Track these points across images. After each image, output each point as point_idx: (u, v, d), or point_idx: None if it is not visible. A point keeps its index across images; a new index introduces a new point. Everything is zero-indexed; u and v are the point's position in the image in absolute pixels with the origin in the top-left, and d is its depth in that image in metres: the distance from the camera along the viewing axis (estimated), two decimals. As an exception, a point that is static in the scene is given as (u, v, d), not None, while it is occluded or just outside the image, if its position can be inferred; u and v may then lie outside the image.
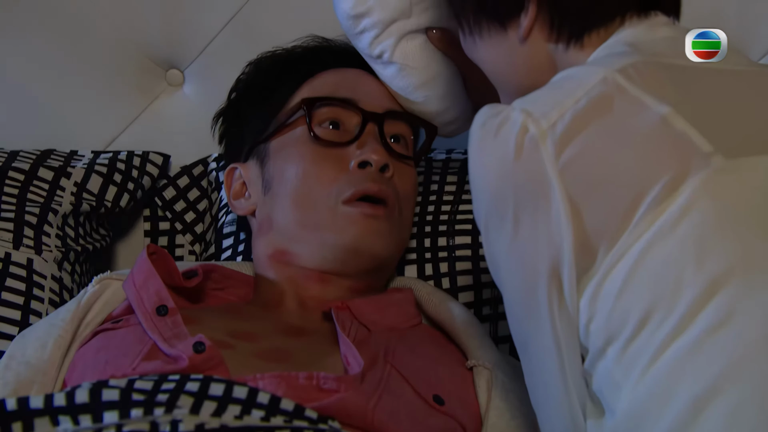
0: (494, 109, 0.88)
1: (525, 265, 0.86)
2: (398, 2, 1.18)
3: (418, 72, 1.20)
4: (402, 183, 1.17)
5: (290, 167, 1.16)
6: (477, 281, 1.25)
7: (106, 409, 0.80)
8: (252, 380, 0.91)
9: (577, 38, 0.96)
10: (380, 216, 1.13)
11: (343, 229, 1.12)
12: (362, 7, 1.18)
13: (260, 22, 1.49)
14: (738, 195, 0.81)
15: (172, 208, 1.44)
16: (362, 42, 1.20)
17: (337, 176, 1.14)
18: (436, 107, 1.23)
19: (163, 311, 1.04)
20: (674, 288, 0.79)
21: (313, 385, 0.93)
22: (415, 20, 1.19)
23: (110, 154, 1.44)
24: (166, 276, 1.09)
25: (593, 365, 0.84)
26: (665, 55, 0.90)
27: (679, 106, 0.83)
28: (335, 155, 1.15)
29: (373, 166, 1.14)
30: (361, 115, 1.18)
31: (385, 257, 1.15)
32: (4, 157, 1.38)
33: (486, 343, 1.12)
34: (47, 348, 1.05)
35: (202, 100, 1.52)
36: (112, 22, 1.51)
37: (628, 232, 0.81)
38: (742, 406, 0.76)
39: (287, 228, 1.16)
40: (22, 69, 1.52)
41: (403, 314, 1.15)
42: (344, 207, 1.12)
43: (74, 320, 1.09)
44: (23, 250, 1.27)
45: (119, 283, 1.14)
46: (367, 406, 0.94)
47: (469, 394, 1.05)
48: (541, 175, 0.83)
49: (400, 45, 1.19)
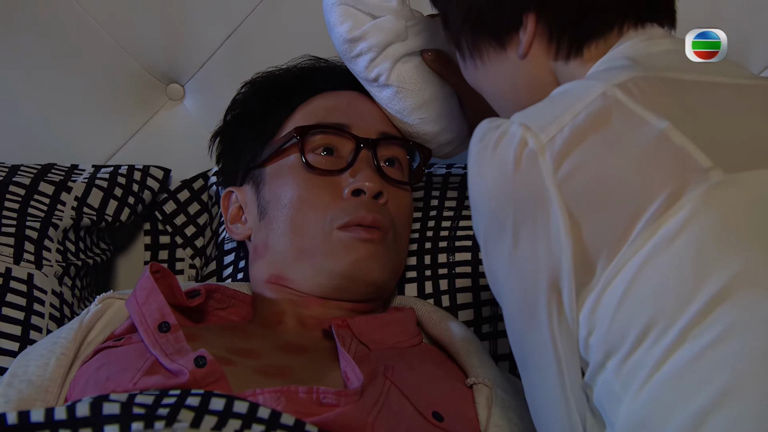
0: (493, 122, 0.88)
1: (524, 279, 0.86)
2: (394, 25, 1.19)
3: (414, 94, 1.22)
4: (397, 208, 1.19)
5: (285, 194, 1.18)
6: (477, 298, 1.25)
7: (107, 423, 0.80)
8: (252, 395, 0.92)
9: (577, 51, 0.96)
10: (375, 240, 1.14)
11: (338, 256, 1.13)
12: (358, 32, 1.19)
13: (260, 37, 1.50)
14: (737, 208, 0.81)
15: (173, 222, 1.45)
16: (358, 65, 1.21)
17: (331, 203, 1.15)
18: (432, 128, 1.24)
19: (165, 328, 1.04)
20: (673, 301, 0.79)
21: (313, 399, 0.94)
22: (411, 42, 1.21)
23: (111, 168, 1.44)
24: (168, 294, 1.10)
25: (593, 378, 0.85)
26: (665, 68, 0.91)
27: (678, 120, 0.83)
28: (329, 182, 1.17)
29: (367, 194, 1.15)
30: (354, 141, 1.19)
31: (381, 283, 1.17)
32: (5, 172, 1.39)
33: (485, 360, 1.13)
34: (49, 366, 1.06)
35: (202, 114, 1.53)
36: (113, 37, 1.51)
37: (627, 246, 0.81)
38: (743, 421, 0.75)
39: (283, 254, 1.17)
40: (23, 83, 1.53)
41: (403, 333, 1.15)
42: (339, 232, 1.14)
43: (77, 339, 1.10)
44: (23, 265, 1.27)
45: (122, 302, 1.15)
46: (367, 420, 0.94)
47: (469, 411, 1.05)
48: (540, 189, 0.83)
49: (396, 67, 1.21)
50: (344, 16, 1.20)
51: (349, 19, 1.20)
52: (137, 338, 1.07)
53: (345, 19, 1.20)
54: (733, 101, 0.90)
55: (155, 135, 1.54)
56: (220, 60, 1.51)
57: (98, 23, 1.51)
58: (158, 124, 1.54)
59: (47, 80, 1.53)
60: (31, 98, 1.53)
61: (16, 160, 1.44)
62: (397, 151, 1.23)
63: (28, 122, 1.53)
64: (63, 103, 1.53)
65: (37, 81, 1.53)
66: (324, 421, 0.91)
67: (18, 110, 1.53)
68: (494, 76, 1.02)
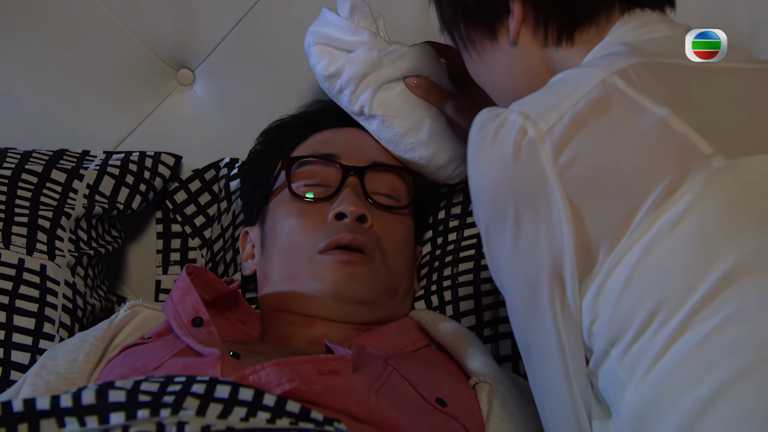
0: (492, 112, 0.89)
1: (527, 268, 0.88)
2: (366, 56, 1.24)
3: (400, 120, 1.26)
4: (385, 232, 1.22)
5: (278, 224, 1.24)
6: (478, 304, 1.29)
7: (113, 410, 0.82)
8: (253, 372, 0.95)
9: (568, 37, 0.98)
10: (356, 262, 1.18)
11: (322, 277, 1.18)
12: (334, 67, 1.25)
13: (271, 22, 1.51)
14: (740, 194, 0.82)
15: (183, 211, 1.47)
16: (343, 101, 1.27)
17: (316, 228, 1.20)
18: (425, 153, 1.27)
19: (199, 322, 1.10)
20: (677, 287, 0.81)
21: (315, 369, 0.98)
22: (389, 70, 1.26)
23: (122, 155, 1.45)
24: (206, 291, 1.16)
25: (597, 366, 0.86)
26: (664, 55, 0.92)
27: (678, 107, 0.85)
28: (316, 210, 1.22)
29: (349, 218, 1.19)
30: (341, 170, 1.23)
31: (368, 300, 1.20)
32: (17, 158, 1.40)
33: (485, 360, 1.16)
34: (78, 361, 1.11)
35: (212, 99, 1.55)
36: (123, 22, 1.52)
37: (629, 234, 0.83)
38: (749, 408, 0.76)
39: (276, 281, 1.23)
40: (33, 68, 1.54)
41: (405, 339, 1.19)
42: (320, 256, 1.18)
43: (105, 339, 1.16)
44: (36, 255, 1.29)
45: (149, 311, 1.21)
46: (370, 390, 0.98)
47: (473, 405, 1.08)
48: (541, 178, 0.85)
49: (378, 96, 1.26)
50: (320, 54, 1.26)
51: (325, 56, 1.26)
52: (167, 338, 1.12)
53: (321, 58, 1.26)
54: (734, 86, 0.91)
55: (165, 120, 1.55)
56: (230, 45, 1.52)
57: (108, 8, 1.52)
58: (168, 110, 1.55)
59: (57, 66, 1.54)
60: (42, 84, 1.54)
61: (28, 145, 1.46)
62: (391, 180, 1.27)
63: (39, 108, 1.55)
64: (73, 89, 1.54)
65: (47, 66, 1.54)
66: (329, 388, 0.95)
67: (28, 96, 1.54)
68: (491, 67, 1.04)
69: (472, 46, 1.05)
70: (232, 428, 0.83)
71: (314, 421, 0.87)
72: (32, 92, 1.55)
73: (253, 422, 0.85)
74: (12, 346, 1.23)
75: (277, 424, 0.85)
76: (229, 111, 1.54)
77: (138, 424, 0.81)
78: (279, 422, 0.86)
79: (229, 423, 0.84)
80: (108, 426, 0.81)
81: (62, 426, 0.82)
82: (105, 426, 0.82)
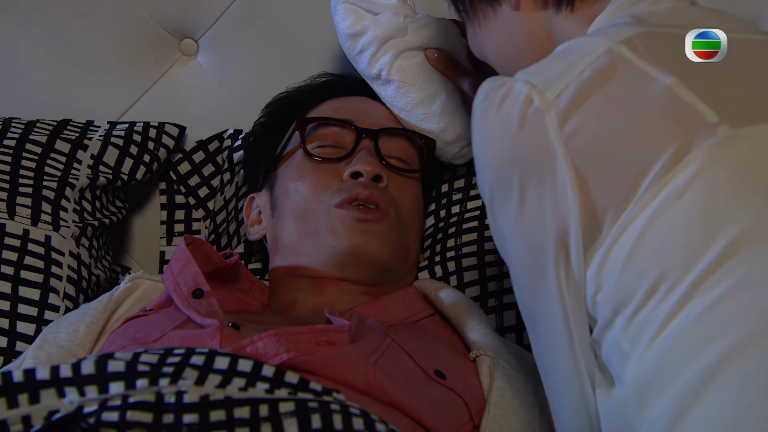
0: (497, 81, 0.89)
1: (532, 237, 0.88)
2: (393, 20, 1.26)
3: (416, 89, 1.28)
4: (399, 193, 1.24)
5: (291, 185, 1.24)
6: (482, 275, 1.29)
7: (112, 380, 0.83)
8: (250, 343, 0.97)
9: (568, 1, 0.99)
10: (372, 219, 1.19)
11: (338, 233, 1.19)
12: (359, 27, 1.27)
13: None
14: (745, 163, 0.82)
15: (186, 182, 1.48)
16: (362, 63, 1.28)
17: (331, 185, 1.21)
18: (436, 125, 1.29)
19: (199, 294, 1.11)
20: (682, 257, 0.81)
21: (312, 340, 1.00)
22: (412, 38, 1.27)
23: (126, 126, 1.46)
24: (204, 263, 1.17)
25: (602, 335, 0.86)
26: (669, 25, 0.92)
27: (684, 76, 0.85)
28: (331, 169, 1.23)
29: (365, 177, 1.20)
30: (356, 132, 1.24)
31: (384, 259, 1.21)
32: (22, 128, 1.41)
33: (480, 325, 1.17)
34: (79, 333, 1.13)
35: (216, 69, 1.55)
36: None
37: (634, 203, 0.83)
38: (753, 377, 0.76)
39: (291, 242, 1.23)
40: (36, 39, 1.55)
41: (408, 309, 1.20)
42: (336, 210, 1.19)
43: (106, 311, 1.17)
44: (41, 226, 1.31)
45: (150, 282, 1.23)
46: (368, 362, 0.99)
47: (473, 378, 1.09)
48: (546, 146, 0.85)
49: (398, 62, 1.27)
50: (347, 13, 1.28)
51: (351, 15, 1.28)
52: (168, 310, 1.13)
53: (347, 16, 1.28)
54: (740, 55, 0.91)
55: (169, 91, 1.56)
56: (234, 15, 1.53)
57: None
58: (172, 80, 1.56)
59: (61, 35, 1.55)
60: (45, 54, 1.55)
61: (32, 116, 1.47)
62: (402, 146, 1.28)
63: (43, 78, 1.56)
64: (77, 59, 1.55)
65: (50, 36, 1.55)
66: (326, 359, 0.96)
67: (33, 66, 1.56)
68: (495, 36, 1.05)
69: (475, 15, 1.06)
70: (231, 398, 0.84)
71: (313, 392, 0.88)
72: (36, 63, 1.56)
73: (251, 392, 0.86)
74: (17, 317, 1.25)
75: (276, 394, 0.86)
76: (233, 82, 1.55)
77: (137, 393, 0.82)
78: (278, 392, 0.86)
79: (227, 393, 0.85)
80: (107, 395, 0.82)
81: (62, 396, 0.83)
82: (104, 395, 0.82)
